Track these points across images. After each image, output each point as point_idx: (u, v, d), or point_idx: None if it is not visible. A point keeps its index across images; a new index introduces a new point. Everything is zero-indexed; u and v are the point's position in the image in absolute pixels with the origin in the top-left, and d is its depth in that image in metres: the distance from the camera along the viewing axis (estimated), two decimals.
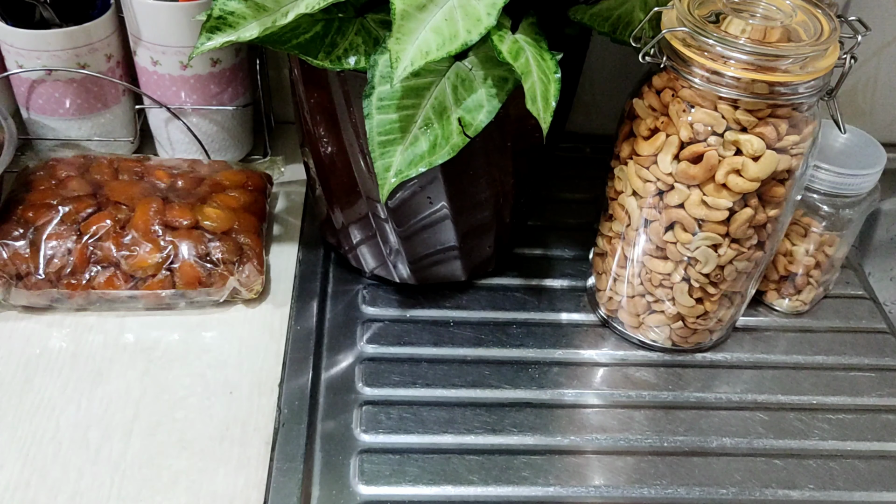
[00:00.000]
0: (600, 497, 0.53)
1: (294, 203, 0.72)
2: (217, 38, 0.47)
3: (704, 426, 0.58)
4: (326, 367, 0.60)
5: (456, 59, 0.48)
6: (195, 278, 0.59)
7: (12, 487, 0.50)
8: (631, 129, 0.55)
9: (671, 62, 0.50)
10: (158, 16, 0.64)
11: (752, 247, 0.55)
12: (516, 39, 0.47)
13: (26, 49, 0.65)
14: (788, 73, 0.48)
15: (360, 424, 0.56)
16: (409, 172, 0.47)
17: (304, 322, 0.62)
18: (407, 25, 0.44)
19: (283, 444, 0.53)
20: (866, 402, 0.60)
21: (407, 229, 0.59)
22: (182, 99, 0.69)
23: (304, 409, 0.55)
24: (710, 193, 0.52)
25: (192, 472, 0.51)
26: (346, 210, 0.61)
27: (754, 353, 0.63)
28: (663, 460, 0.55)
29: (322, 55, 0.49)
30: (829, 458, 0.56)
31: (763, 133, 0.50)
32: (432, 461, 0.54)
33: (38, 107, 0.69)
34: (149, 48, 0.66)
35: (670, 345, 0.62)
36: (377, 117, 0.47)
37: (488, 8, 0.44)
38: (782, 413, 0.59)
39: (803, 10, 0.51)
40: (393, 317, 0.64)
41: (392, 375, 0.59)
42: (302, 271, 0.66)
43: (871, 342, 0.65)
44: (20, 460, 0.51)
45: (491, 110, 0.47)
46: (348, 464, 0.53)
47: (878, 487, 0.55)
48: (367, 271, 0.66)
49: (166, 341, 0.59)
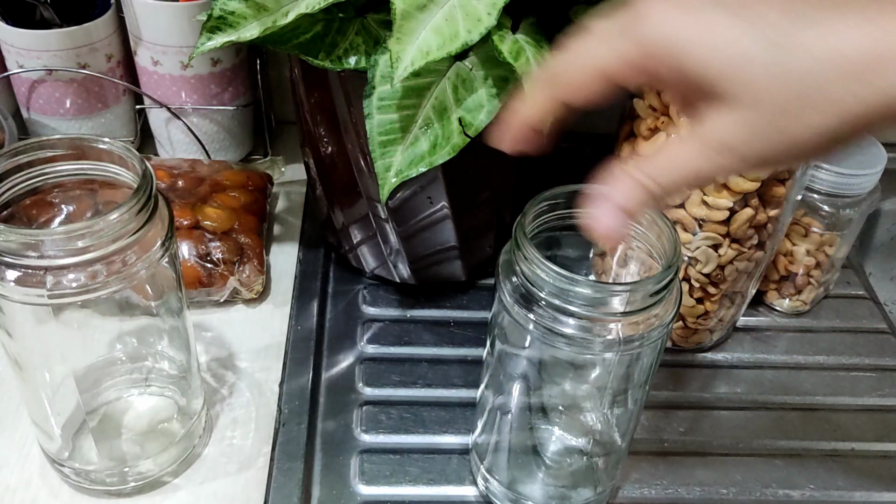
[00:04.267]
0: None
1: (294, 203, 0.72)
2: (217, 38, 0.47)
3: (704, 426, 0.58)
4: (327, 367, 0.60)
5: (456, 59, 0.48)
6: (195, 278, 0.59)
7: (12, 487, 0.50)
8: (631, 128, 0.55)
9: None
10: (159, 16, 0.64)
11: (752, 247, 0.55)
12: (517, 39, 0.47)
13: (27, 49, 0.65)
14: None
15: (361, 424, 0.56)
16: (409, 172, 0.47)
17: (305, 322, 0.62)
18: (407, 25, 0.44)
19: (283, 444, 0.53)
20: (866, 402, 0.60)
21: (407, 229, 0.59)
22: (182, 99, 0.69)
23: (304, 409, 0.55)
24: (711, 193, 0.52)
25: (192, 472, 0.51)
26: (347, 210, 0.61)
27: (755, 352, 0.63)
28: (663, 460, 0.55)
29: (322, 55, 0.49)
30: (829, 458, 0.56)
31: None
32: (432, 461, 0.54)
33: (38, 107, 0.69)
34: (149, 48, 0.66)
35: (671, 345, 0.62)
36: (377, 117, 0.47)
37: (489, 8, 0.44)
38: (782, 413, 0.59)
39: None
40: (393, 317, 0.64)
41: (392, 375, 0.59)
42: (302, 271, 0.66)
43: (871, 342, 0.65)
44: (20, 460, 0.51)
45: (491, 110, 0.47)
46: (348, 464, 0.53)
47: (878, 487, 0.55)
48: (368, 271, 0.66)
49: None
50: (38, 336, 0.44)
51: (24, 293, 0.40)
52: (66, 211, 0.49)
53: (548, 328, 0.40)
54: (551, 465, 0.52)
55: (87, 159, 0.44)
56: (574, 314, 0.40)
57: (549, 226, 0.44)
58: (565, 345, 0.41)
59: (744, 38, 0.27)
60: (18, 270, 0.40)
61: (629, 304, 0.39)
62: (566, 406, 0.52)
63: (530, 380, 0.48)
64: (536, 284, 0.40)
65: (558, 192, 0.43)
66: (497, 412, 0.50)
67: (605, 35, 0.30)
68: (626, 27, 0.29)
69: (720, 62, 0.28)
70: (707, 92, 0.29)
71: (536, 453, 0.52)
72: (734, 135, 0.29)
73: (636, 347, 0.41)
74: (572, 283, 0.39)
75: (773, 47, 0.27)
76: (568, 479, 0.52)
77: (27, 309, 0.42)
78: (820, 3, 0.27)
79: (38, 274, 0.40)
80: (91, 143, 0.44)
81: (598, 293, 0.39)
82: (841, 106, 0.27)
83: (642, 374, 0.45)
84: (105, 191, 0.47)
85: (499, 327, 0.45)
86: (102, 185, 0.46)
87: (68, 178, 0.45)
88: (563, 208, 0.44)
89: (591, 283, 0.39)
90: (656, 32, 0.29)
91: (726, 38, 0.28)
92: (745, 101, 0.28)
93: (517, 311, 0.41)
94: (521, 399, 0.49)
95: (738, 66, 0.28)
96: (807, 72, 0.27)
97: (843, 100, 0.27)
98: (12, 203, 0.43)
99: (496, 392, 0.49)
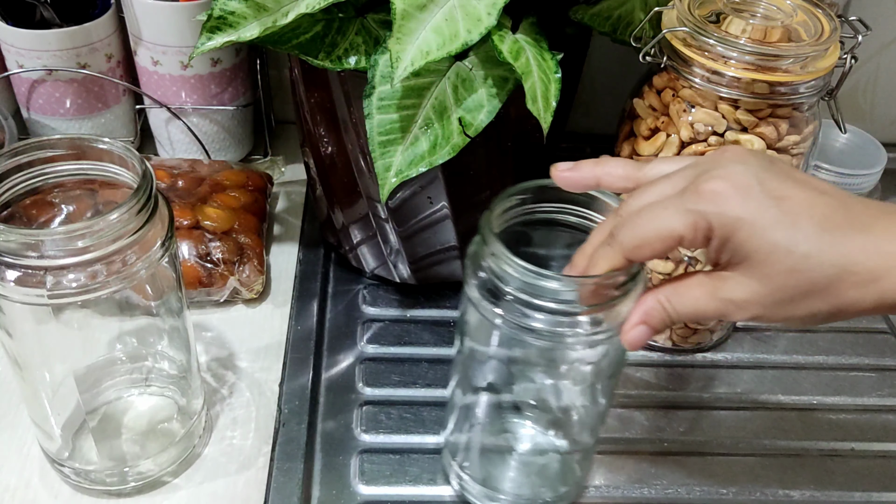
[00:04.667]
0: (600, 497, 0.53)
1: (294, 203, 0.72)
2: (217, 37, 0.47)
3: (704, 426, 0.58)
4: (327, 367, 0.60)
5: (456, 59, 0.48)
6: (195, 278, 0.59)
7: (12, 487, 0.50)
8: (631, 128, 0.55)
9: (672, 62, 0.50)
10: (159, 16, 0.64)
11: None
12: (517, 39, 0.47)
13: (27, 49, 0.65)
14: (789, 73, 0.48)
15: (361, 424, 0.56)
16: (409, 172, 0.47)
17: (305, 322, 0.62)
18: (407, 25, 0.44)
19: (283, 444, 0.53)
20: (866, 402, 0.60)
21: (407, 229, 0.59)
22: (182, 99, 0.69)
23: (304, 409, 0.55)
24: None
25: (192, 472, 0.51)
26: (347, 210, 0.61)
27: (755, 353, 0.63)
28: (663, 460, 0.55)
29: (322, 55, 0.49)
30: (829, 458, 0.56)
31: (763, 133, 0.50)
32: (432, 461, 0.54)
33: (38, 107, 0.69)
34: (149, 48, 0.66)
35: (671, 345, 0.62)
36: (377, 117, 0.47)
37: (489, 8, 0.44)
38: (782, 413, 0.59)
39: (804, 9, 0.51)
40: (393, 317, 0.64)
41: (392, 375, 0.59)
42: (302, 271, 0.66)
43: (871, 342, 0.65)
44: (20, 460, 0.51)
45: (491, 110, 0.47)
46: (348, 464, 0.53)
47: (878, 487, 0.55)
48: (368, 271, 0.66)
49: None
50: (38, 336, 0.44)
51: (24, 293, 0.40)
52: (66, 211, 0.49)
53: (515, 323, 0.41)
54: (523, 461, 0.52)
55: (87, 159, 0.44)
56: (541, 308, 0.40)
57: (519, 221, 0.44)
58: (533, 339, 0.41)
59: (783, 237, 0.35)
60: (18, 270, 0.40)
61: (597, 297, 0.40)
62: (537, 400, 0.52)
63: (500, 375, 0.48)
64: (503, 279, 0.40)
65: (526, 187, 0.44)
66: (468, 409, 0.50)
67: (676, 208, 0.36)
68: (696, 202, 0.36)
69: (758, 246, 0.35)
70: (737, 260, 0.36)
71: (508, 449, 0.52)
72: (741, 296, 0.36)
73: (604, 341, 0.42)
74: (539, 278, 0.39)
75: (803, 257, 0.34)
76: (540, 474, 0.52)
77: (27, 309, 0.42)
78: (846, 224, 0.35)
79: (38, 274, 0.40)
80: (91, 143, 0.44)
81: (564, 287, 0.39)
82: (841, 301, 0.35)
83: (610, 367, 0.45)
84: (105, 191, 0.47)
85: (467, 324, 0.45)
86: (102, 185, 0.46)
87: (68, 178, 0.45)
88: (531, 203, 0.44)
89: (558, 277, 0.39)
90: (722, 211, 0.35)
91: (770, 231, 0.35)
92: (763, 280, 0.35)
93: (484, 307, 0.41)
94: (491, 395, 0.49)
95: (770, 254, 0.35)
96: (823, 278, 0.34)
97: (845, 297, 0.35)
98: (12, 203, 0.44)
99: (466, 389, 0.49)
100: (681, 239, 0.36)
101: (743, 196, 0.35)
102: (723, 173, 0.36)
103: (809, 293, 0.35)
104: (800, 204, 0.35)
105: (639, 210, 0.37)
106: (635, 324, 0.39)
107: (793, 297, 0.35)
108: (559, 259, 0.48)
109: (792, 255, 0.34)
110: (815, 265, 0.34)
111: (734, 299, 0.36)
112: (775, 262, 0.35)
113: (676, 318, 0.38)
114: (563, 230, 0.46)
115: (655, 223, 0.36)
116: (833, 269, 0.34)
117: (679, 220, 0.36)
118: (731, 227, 0.35)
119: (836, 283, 0.34)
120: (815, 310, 0.35)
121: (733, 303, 0.36)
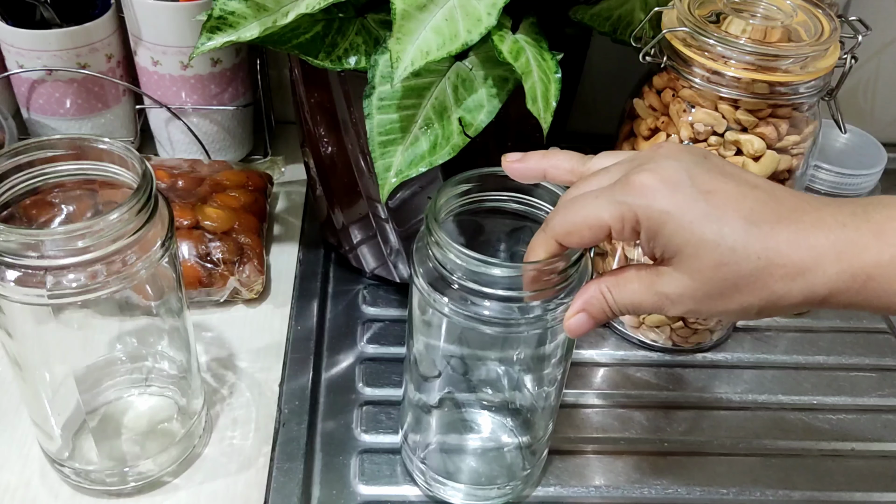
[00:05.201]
0: (600, 497, 0.53)
1: (294, 203, 0.72)
2: (217, 38, 0.47)
3: (704, 426, 0.58)
4: (327, 367, 0.60)
5: (456, 59, 0.48)
6: (195, 278, 0.59)
7: (12, 487, 0.50)
8: (631, 128, 0.55)
9: (671, 62, 0.50)
10: (159, 16, 0.64)
11: None
12: (517, 39, 0.47)
13: (27, 49, 0.65)
14: (789, 73, 0.48)
15: (361, 424, 0.56)
16: (409, 172, 0.47)
17: (305, 322, 0.62)
18: (407, 25, 0.44)
19: (283, 444, 0.53)
20: (866, 402, 0.60)
21: (407, 229, 0.59)
22: (182, 99, 0.69)
23: (304, 409, 0.55)
24: None
25: (192, 472, 0.51)
26: (347, 210, 0.61)
27: (755, 353, 0.63)
28: (663, 460, 0.55)
29: (322, 55, 0.49)
30: (829, 458, 0.56)
31: (763, 133, 0.50)
32: None
33: (38, 107, 0.69)
34: (149, 48, 0.66)
35: (671, 345, 0.62)
36: (377, 117, 0.47)
37: (489, 8, 0.44)
38: (782, 413, 0.59)
39: (804, 9, 0.51)
40: (393, 317, 0.64)
41: (392, 375, 0.59)
42: (302, 271, 0.66)
43: (871, 342, 0.65)
44: (20, 460, 0.51)
45: (491, 110, 0.47)
46: (348, 464, 0.53)
47: (878, 487, 0.55)
48: (368, 271, 0.66)
49: None
50: (38, 336, 0.44)
51: (24, 293, 0.40)
52: (66, 211, 0.49)
53: (463, 312, 0.41)
54: (481, 451, 0.53)
55: (87, 159, 0.44)
56: (488, 296, 0.41)
57: (465, 209, 0.45)
58: (482, 325, 0.42)
59: (710, 230, 0.35)
60: (18, 270, 0.40)
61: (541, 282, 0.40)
62: (490, 389, 0.52)
63: (453, 367, 0.48)
64: (449, 268, 0.41)
65: (469, 175, 0.44)
66: (424, 404, 0.50)
67: (606, 198, 0.36)
68: (624, 194, 0.36)
69: (686, 240, 0.35)
70: (668, 255, 0.36)
71: (465, 440, 0.53)
72: (675, 291, 0.36)
73: (552, 327, 0.42)
74: (481, 265, 0.39)
75: (729, 250, 0.34)
76: (497, 463, 0.52)
77: (27, 309, 0.42)
78: (774, 218, 0.35)
79: (38, 274, 0.40)
80: (91, 143, 0.44)
81: (506, 273, 0.40)
82: (770, 293, 0.35)
83: (559, 350, 0.46)
84: (105, 191, 0.47)
85: (417, 317, 0.45)
86: (102, 185, 0.46)
87: (68, 178, 0.45)
88: (476, 192, 0.45)
89: (500, 263, 0.40)
90: (649, 203, 0.35)
91: (697, 224, 0.35)
92: (693, 275, 0.35)
93: (433, 297, 0.42)
94: (445, 388, 0.49)
95: (698, 248, 0.35)
96: (749, 271, 0.34)
97: (773, 290, 0.35)
98: (12, 203, 0.44)
99: (419, 384, 0.49)
100: (608, 229, 0.36)
101: (671, 190, 0.35)
102: (654, 167, 0.36)
103: (738, 287, 0.35)
104: (728, 197, 0.35)
105: (573, 199, 0.38)
106: (576, 311, 0.39)
107: (722, 291, 0.35)
108: (511, 247, 0.49)
109: (719, 249, 0.34)
110: (741, 258, 0.34)
111: (668, 294, 0.36)
112: (703, 256, 0.35)
113: (615, 308, 0.38)
114: (511, 218, 0.46)
115: (584, 212, 0.37)
116: (759, 262, 0.34)
117: (606, 211, 0.36)
118: (658, 220, 0.35)
119: (763, 276, 0.34)
120: (745, 304, 0.35)
121: (668, 297, 0.36)
